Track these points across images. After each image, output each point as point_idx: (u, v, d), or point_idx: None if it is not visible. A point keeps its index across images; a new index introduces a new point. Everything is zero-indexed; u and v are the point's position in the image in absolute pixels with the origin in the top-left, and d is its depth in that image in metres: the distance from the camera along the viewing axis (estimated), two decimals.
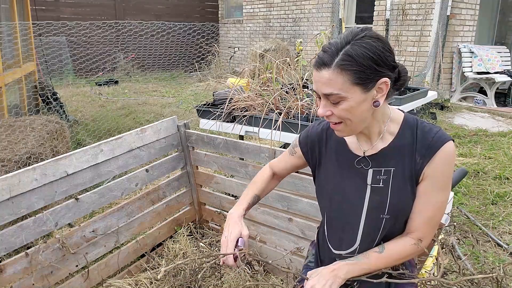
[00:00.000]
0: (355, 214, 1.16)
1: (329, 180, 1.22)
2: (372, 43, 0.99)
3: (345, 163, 1.19)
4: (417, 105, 3.30)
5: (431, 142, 1.07)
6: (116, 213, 2.09)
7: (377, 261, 1.11)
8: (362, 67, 0.98)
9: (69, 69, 9.23)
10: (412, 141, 1.10)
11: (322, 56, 1.01)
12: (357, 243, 1.17)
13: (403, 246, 1.11)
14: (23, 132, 3.02)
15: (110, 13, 10.09)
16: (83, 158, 1.88)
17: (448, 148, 1.06)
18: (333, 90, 1.00)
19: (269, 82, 2.64)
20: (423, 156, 1.08)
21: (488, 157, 4.14)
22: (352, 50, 0.98)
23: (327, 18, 8.57)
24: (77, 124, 5.31)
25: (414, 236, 1.11)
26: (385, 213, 1.12)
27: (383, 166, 1.12)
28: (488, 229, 2.79)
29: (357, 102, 1.01)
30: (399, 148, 1.11)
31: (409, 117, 1.14)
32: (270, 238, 2.25)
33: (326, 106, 1.05)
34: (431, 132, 1.09)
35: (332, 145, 1.23)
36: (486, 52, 6.79)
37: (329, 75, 0.99)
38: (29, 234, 1.69)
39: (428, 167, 1.07)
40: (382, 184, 1.12)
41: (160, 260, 2.28)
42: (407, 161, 1.10)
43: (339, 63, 0.98)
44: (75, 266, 1.90)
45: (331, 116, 1.06)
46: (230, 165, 2.30)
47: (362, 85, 1.00)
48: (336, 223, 1.22)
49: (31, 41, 5.07)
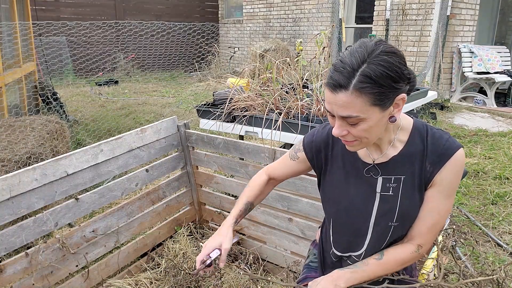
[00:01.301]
0: (363, 221, 1.15)
1: (335, 186, 1.20)
2: (389, 59, 0.93)
3: (353, 169, 1.17)
4: (417, 105, 3.30)
5: (443, 149, 1.05)
6: (116, 213, 2.09)
7: (376, 268, 1.11)
8: (381, 88, 0.93)
9: (69, 69, 9.23)
10: (423, 148, 1.08)
11: (337, 78, 0.93)
12: (363, 248, 1.17)
13: (403, 253, 1.11)
14: (23, 132, 3.02)
15: (110, 13, 10.09)
16: (83, 158, 1.88)
17: (459, 155, 1.05)
18: (352, 113, 0.95)
19: (269, 82, 2.63)
20: (434, 163, 1.06)
21: (488, 157, 4.14)
22: (370, 71, 0.91)
23: (327, 18, 8.56)
24: (77, 124, 5.31)
25: (415, 243, 1.10)
26: (394, 220, 1.11)
27: (393, 174, 1.11)
28: (488, 229, 2.78)
29: (376, 121, 0.98)
30: (409, 155, 1.09)
31: (419, 124, 1.12)
32: (270, 238, 2.24)
33: (342, 126, 1.00)
34: (442, 139, 1.07)
35: (339, 151, 1.20)
36: (486, 52, 6.79)
37: (346, 98, 0.93)
38: (29, 234, 1.69)
39: (439, 174, 1.06)
40: (392, 192, 1.11)
41: (160, 260, 2.27)
42: (417, 168, 1.08)
43: (358, 85, 0.92)
44: (75, 266, 1.89)
45: (347, 136, 1.02)
46: (230, 165, 2.30)
47: (380, 105, 0.96)
48: (342, 229, 1.21)
49: (31, 41, 5.07)
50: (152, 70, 10.36)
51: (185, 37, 10.43)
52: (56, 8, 9.34)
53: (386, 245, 1.15)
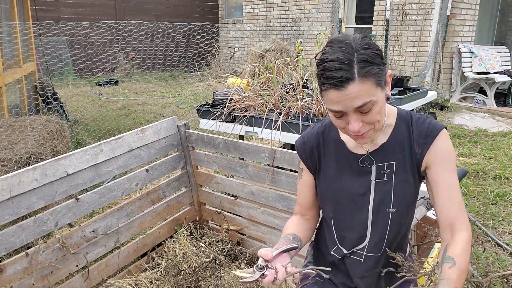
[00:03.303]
0: (361, 212, 1.17)
1: (331, 183, 1.21)
2: (367, 41, 1.00)
3: (345, 163, 1.19)
4: (417, 105, 3.30)
5: (428, 131, 1.11)
6: (116, 213, 2.09)
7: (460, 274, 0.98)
8: (377, 67, 0.99)
9: (69, 69, 9.23)
10: (409, 133, 1.13)
11: (338, 75, 0.95)
12: (366, 240, 1.18)
13: (462, 243, 1.03)
14: (23, 132, 3.02)
15: (110, 13, 10.09)
16: (83, 158, 1.88)
17: (444, 133, 1.11)
18: (366, 99, 0.97)
19: (269, 82, 2.63)
20: (421, 145, 1.11)
21: (488, 157, 4.14)
22: (364, 56, 0.97)
23: (327, 18, 8.56)
24: (77, 124, 5.31)
25: (459, 228, 1.05)
26: (391, 206, 1.13)
27: (386, 161, 1.14)
28: (488, 229, 2.79)
29: (382, 101, 1.03)
30: (398, 142, 1.14)
31: (402, 111, 1.18)
32: (270, 238, 2.25)
33: (358, 119, 1.01)
34: (425, 122, 1.13)
35: (331, 148, 1.22)
36: (486, 52, 6.79)
37: (356, 88, 0.96)
38: (29, 234, 1.69)
39: (429, 153, 1.10)
40: (386, 178, 1.14)
41: (160, 260, 2.28)
42: (407, 153, 1.13)
43: (361, 72, 0.96)
44: (75, 266, 1.89)
45: (362, 127, 1.03)
46: (230, 165, 2.30)
47: (381, 84, 1.01)
48: (343, 224, 1.22)
49: (31, 41, 5.07)
50: (152, 70, 10.36)
51: (185, 37, 10.42)
52: (56, 8, 9.34)
53: (388, 235, 1.16)
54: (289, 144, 2.49)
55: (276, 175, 2.08)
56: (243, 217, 2.38)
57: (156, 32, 10.17)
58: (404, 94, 3.11)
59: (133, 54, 10.28)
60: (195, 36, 10.46)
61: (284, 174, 2.05)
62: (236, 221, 2.41)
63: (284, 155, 2.02)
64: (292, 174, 2.03)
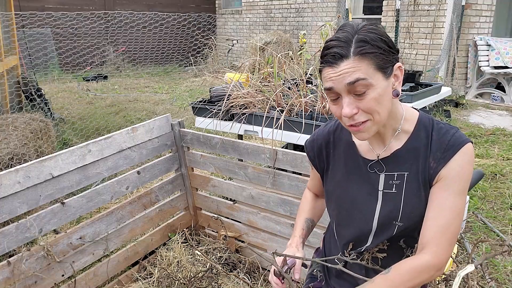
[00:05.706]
0: (366, 222, 1.16)
1: (337, 186, 1.22)
2: (376, 28, 1.02)
3: (354, 168, 1.18)
4: (430, 102, 3.30)
5: (448, 146, 1.05)
6: (105, 218, 2.09)
7: (383, 284, 1.03)
8: (379, 50, 0.99)
9: (54, 63, 9.24)
10: (427, 143, 1.08)
11: (334, 51, 0.99)
12: (366, 245, 1.18)
13: (413, 263, 1.03)
14: (5, 131, 3.02)
15: (98, 3, 10.10)
16: (69, 159, 1.88)
17: (466, 150, 1.05)
18: (359, 75, 0.97)
19: (270, 77, 2.64)
20: (438, 160, 1.06)
21: (506, 158, 4.14)
22: (364, 36, 0.99)
23: (332, 8, 8.57)
24: (63, 123, 5.32)
25: (428, 251, 1.03)
26: (398, 220, 1.11)
27: (396, 170, 1.11)
28: (507, 236, 2.79)
29: (383, 89, 1.01)
30: (413, 150, 1.10)
31: (424, 117, 1.13)
32: (271, 246, 2.25)
33: (351, 103, 1.00)
34: (448, 134, 1.07)
35: (341, 149, 1.22)
36: (504, 45, 6.79)
37: (350, 64, 0.98)
38: (12, 241, 1.70)
39: (444, 169, 1.05)
40: (395, 190, 1.11)
41: (152, 269, 2.28)
42: (421, 165, 1.08)
43: (357, 51, 0.98)
44: (61, 275, 1.90)
45: (358, 114, 1.01)
46: (228, 167, 2.30)
47: (383, 70, 1.01)
48: (345, 231, 1.22)
49: (14, 33, 5.07)
50: (144, 65, 10.38)
51: (179, 29, 10.43)
52: None
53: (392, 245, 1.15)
54: (292, 144, 2.49)
55: (277, 178, 2.08)
56: (242, 223, 2.39)
57: (148, 23, 10.19)
58: (416, 90, 3.11)
59: (124, 47, 10.29)
60: (190, 28, 10.47)
61: (287, 176, 2.06)
62: (235, 227, 2.42)
63: (286, 156, 2.02)
64: (295, 176, 2.03)
